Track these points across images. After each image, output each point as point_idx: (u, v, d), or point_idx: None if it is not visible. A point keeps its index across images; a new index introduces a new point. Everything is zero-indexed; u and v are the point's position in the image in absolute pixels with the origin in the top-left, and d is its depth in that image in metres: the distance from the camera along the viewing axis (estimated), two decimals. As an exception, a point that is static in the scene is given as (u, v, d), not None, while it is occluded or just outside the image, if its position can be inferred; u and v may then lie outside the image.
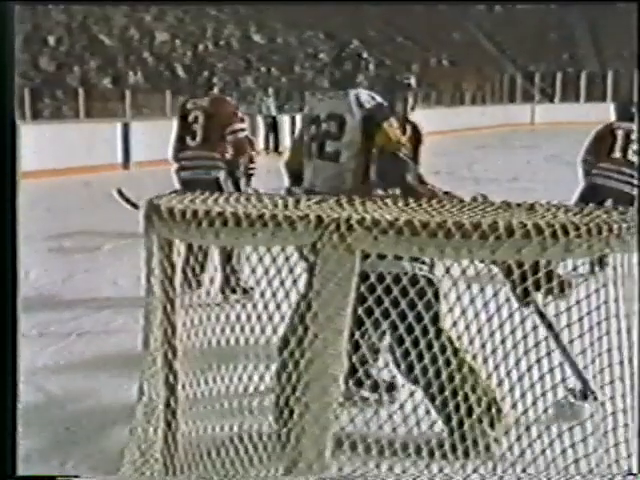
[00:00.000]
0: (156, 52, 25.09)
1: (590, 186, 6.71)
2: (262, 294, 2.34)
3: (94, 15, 24.75)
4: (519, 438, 2.35)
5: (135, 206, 7.12)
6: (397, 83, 4.78)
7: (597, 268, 3.00)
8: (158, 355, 2.41)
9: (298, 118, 20.60)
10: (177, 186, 6.08)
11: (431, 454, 2.54)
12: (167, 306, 2.43)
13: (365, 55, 4.65)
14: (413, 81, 4.84)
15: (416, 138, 4.60)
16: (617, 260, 2.30)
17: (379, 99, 4.45)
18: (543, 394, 2.30)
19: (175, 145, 6.28)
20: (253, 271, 2.32)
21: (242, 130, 6.14)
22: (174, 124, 6.41)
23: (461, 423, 2.55)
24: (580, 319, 2.27)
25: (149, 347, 2.41)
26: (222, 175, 6.00)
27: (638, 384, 2.32)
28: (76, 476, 2.48)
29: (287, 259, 2.33)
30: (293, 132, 20.13)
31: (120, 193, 7.89)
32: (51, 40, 21.05)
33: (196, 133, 6.06)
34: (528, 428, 2.32)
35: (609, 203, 6.28)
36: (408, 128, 4.59)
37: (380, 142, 4.23)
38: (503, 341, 2.28)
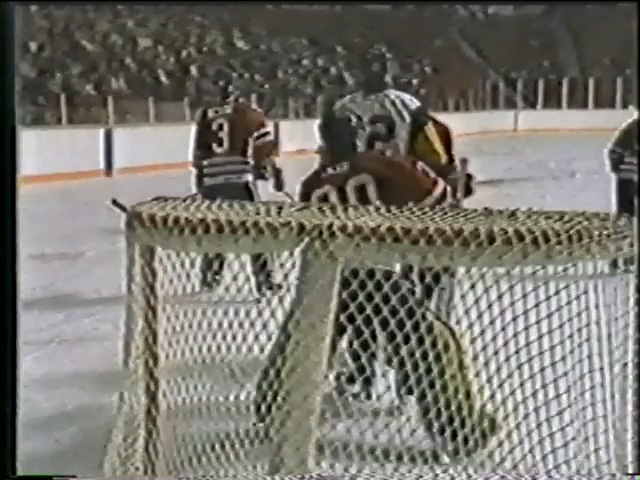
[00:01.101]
0: (139, 58, 25.04)
1: (622, 182, 6.76)
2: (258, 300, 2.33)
3: (76, 21, 24.67)
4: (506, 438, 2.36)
5: None
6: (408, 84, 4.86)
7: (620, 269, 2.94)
8: (139, 363, 2.40)
9: (282, 124, 20.66)
10: (193, 191, 6.38)
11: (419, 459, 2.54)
12: (148, 314, 2.42)
13: (389, 56, 4.71)
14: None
15: (447, 139, 4.65)
16: (598, 266, 2.31)
17: (417, 101, 4.49)
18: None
19: (198, 153, 6.55)
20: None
21: (267, 134, 6.48)
22: (159, 130, 6.50)
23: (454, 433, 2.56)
24: (561, 325, 2.28)
25: (130, 355, 2.40)
26: (251, 179, 6.34)
27: (637, 385, 2.35)
28: (74, 476, 2.47)
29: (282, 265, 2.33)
30: (276, 137, 20.14)
31: (115, 202, 7.88)
32: (33, 46, 20.98)
33: (222, 140, 6.35)
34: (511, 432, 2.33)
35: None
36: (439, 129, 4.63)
37: (422, 148, 4.33)
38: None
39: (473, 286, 2.30)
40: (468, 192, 4.40)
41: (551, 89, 31.21)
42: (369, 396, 3.66)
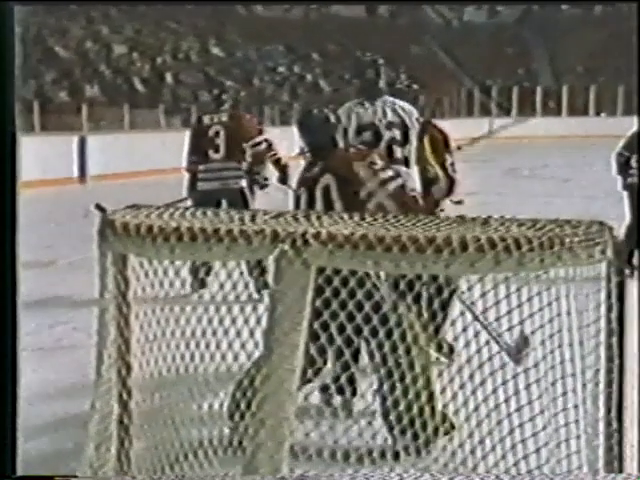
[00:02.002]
0: (113, 65, 24.93)
1: (631, 186, 6.86)
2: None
3: (49, 27, 24.51)
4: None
5: None
6: (406, 89, 4.88)
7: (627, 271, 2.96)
8: (112, 371, 2.39)
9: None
10: (182, 196, 6.57)
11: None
12: (121, 322, 2.41)
13: (381, 62, 4.74)
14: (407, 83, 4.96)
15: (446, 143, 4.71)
16: (569, 273, 2.33)
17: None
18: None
19: (194, 158, 6.74)
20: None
21: (262, 142, 6.69)
22: (133, 137, 6.60)
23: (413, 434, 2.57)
24: (533, 332, 2.29)
25: (103, 364, 2.39)
26: (245, 184, 6.62)
27: (638, 383, 2.37)
28: (75, 476, 2.45)
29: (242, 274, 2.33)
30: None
31: (98, 207, 7.86)
32: (6, 52, 20.77)
33: (219, 147, 6.58)
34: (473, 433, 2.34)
35: None
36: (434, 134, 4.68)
37: (420, 157, 4.42)
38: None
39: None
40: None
41: (525, 96, 31.41)
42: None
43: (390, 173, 3.75)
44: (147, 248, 2.26)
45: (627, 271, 6.00)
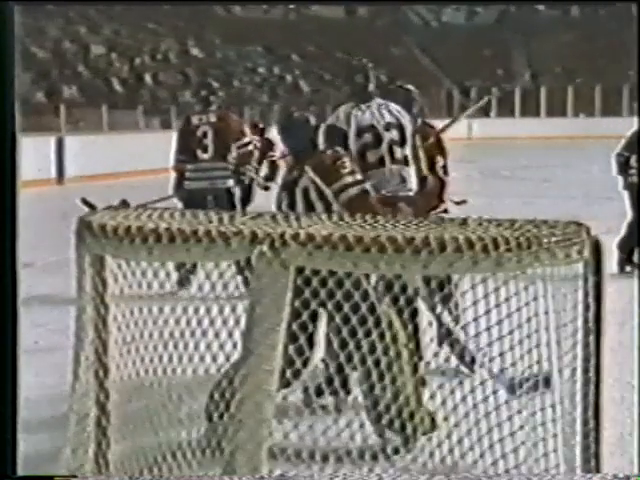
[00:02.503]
0: (92, 65, 24.81)
1: (632, 185, 6.96)
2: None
3: (26, 27, 24.33)
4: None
5: None
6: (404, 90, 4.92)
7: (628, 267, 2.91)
8: (89, 373, 2.38)
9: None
10: (169, 193, 6.79)
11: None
12: (98, 323, 2.39)
13: (370, 66, 4.84)
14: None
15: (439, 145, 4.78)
16: (547, 273, 2.34)
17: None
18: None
19: (181, 157, 6.86)
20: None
21: (249, 143, 6.89)
22: (112, 138, 6.64)
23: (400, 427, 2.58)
24: (511, 332, 2.30)
25: (80, 366, 2.37)
26: (232, 184, 6.77)
27: (638, 385, 2.39)
28: (75, 476, 2.43)
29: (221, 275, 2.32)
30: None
31: (85, 202, 7.83)
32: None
33: (207, 147, 6.72)
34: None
35: None
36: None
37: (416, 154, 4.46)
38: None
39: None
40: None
41: (504, 97, 31.55)
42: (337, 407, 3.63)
43: (357, 177, 3.77)
44: (125, 249, 2.25)
45: (628, 268, 6.41)
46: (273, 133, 7.20)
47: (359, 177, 3.80)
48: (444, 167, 4.74)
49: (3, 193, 2.02)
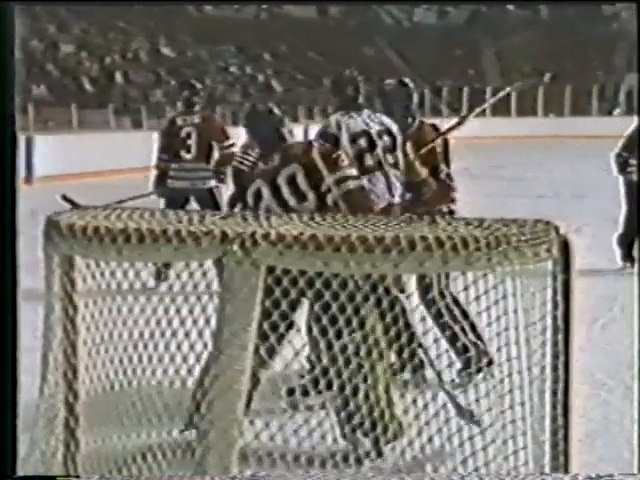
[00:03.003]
0: (61, 64, 24.60)
1: (631, 184, 7.11)
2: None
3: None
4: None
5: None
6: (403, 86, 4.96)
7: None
8: (57, 374, 2.36)
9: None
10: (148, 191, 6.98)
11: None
12: (67, 324, 2.37)
13: (360, 78, 4.84)
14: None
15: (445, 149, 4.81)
16: (516, 271, 2.36)
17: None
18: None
19: (164, 157, 7.06)
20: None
21: (231, 146, 6.91)
22: (82, 138, 6.64)
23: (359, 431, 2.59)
24: (481, 330, 2.32)
25: (48, 366, 2.35)
26: (214, 184, 6.86)
27: (638, 385, 2.41)
28: (77, 476, 2.41)
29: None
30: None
31: (65, 198, 7.79)
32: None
33: (190, 147, 6.89)
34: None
35: None
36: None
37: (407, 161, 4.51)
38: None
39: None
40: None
41: (475, 97, 31.72)
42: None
43: (353, 172, 3.78)
44: (94, 249, 2.24)
45: (628, 263, 6.62)
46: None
47: (356, 172, 3.80)
48: (448, 174, 4.75)
49: (3, 191, 2.02)
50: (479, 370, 3.30)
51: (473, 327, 3.64)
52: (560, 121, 29.69)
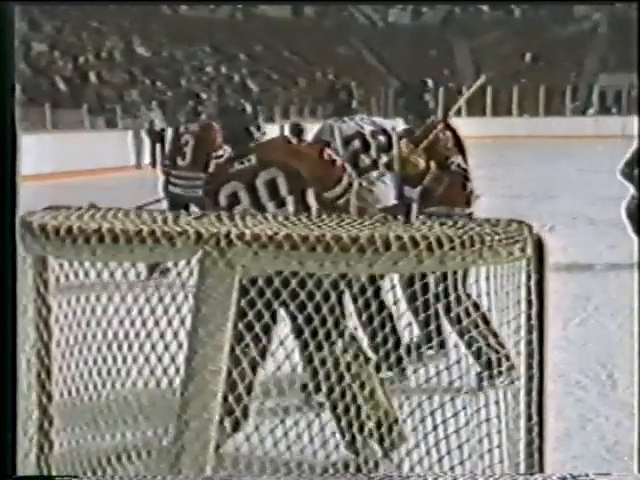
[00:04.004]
0: (33, 64, 24.39)
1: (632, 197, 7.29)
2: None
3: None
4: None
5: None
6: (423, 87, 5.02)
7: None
8: (30, 376, 2.34)
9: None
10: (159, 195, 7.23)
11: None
12: (40, 325, 2.36)
13: (353, 84, 5.02)
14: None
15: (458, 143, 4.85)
16: (490, 271, 2.37)
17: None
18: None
19: (166, 162, 7.37)
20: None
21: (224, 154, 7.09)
22: (56, 137, 6.67)
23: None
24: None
25: (20, 367, 2.33)
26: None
27: (638, 384, 2.41)
28: (76, 476, 2.39)
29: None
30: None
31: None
32: None
33: (186, 155, 7.03)
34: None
35: None
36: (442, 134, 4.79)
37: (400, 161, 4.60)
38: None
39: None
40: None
41: (451, 97, 31.86)
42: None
43: (339, 163, 3.77)
44: (67, 250, 2.22)
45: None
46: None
47: (350, 180, 3.77)
48: (459, 165, 4.76)
49: (3, 189, 2.00)
50: (499, 374, 3.31)
51: (494, 332, 3.67)
52: (534, 121, 29.90)
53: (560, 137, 25.26)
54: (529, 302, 2.37)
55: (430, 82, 5.09)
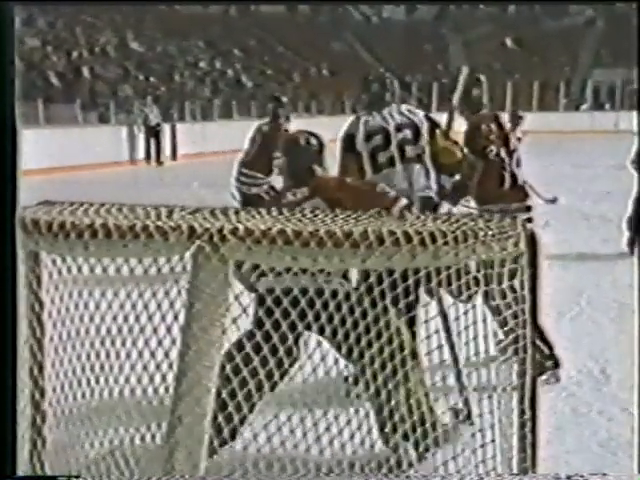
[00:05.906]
0: (26, 58, 24.30)
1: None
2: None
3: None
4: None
5: None
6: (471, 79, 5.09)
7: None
8: (23, 372, 2.33)
9: (179, 127, 20.36)
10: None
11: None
12: (33, 321, 2.35)
13: (388, 75, 5.13)
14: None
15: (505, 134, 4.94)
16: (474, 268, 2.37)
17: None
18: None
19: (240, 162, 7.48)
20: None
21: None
22: (49, 132, 6.55)
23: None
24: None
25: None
26: (256, 191, 7.13)
27: (638, 385, 2.40)
28: (77, 476, 2.38)
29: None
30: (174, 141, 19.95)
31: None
32: None
33: (249, 153, 7.28)
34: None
35: None
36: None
37: (436, 150, 4.65)
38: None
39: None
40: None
41: (445, 93, 31.84)
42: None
43: (392, 195, 3.71)
44: (60, 245, 2.21)
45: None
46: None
47: (393, 194, 3.73)
48: (498, 155, 4.83)
49: (3, 187, 2.00)
50: (541, 374, 3.34)
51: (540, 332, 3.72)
52: (528, 116, 29.90)
53: (554, 133, 25.27)
54: (522, 297, 2.38)
55: (482, 77, 5.17)
